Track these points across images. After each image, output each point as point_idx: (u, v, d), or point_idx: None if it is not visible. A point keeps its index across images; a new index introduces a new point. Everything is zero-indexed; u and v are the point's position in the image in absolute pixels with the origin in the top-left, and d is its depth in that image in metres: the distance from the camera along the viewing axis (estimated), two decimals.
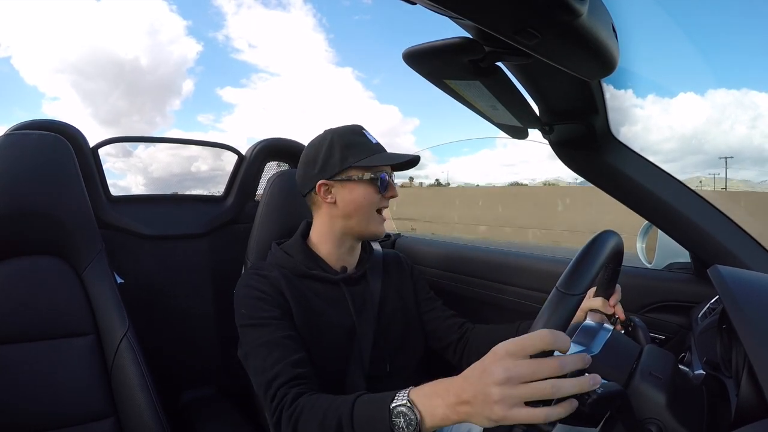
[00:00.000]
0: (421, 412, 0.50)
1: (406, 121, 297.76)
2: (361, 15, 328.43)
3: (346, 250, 0.90)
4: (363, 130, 0.88)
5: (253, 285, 0.82)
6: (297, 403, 0.65)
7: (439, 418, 0.49)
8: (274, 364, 0.71)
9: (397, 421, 0.51)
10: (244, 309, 0.80)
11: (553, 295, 0.47)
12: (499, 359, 0.44)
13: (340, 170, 0.84)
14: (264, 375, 0.71)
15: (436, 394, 0.50)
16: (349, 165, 0.83)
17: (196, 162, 3.03)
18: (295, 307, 0.80)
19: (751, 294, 0.51)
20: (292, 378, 0.70)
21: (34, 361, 0.87)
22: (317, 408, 0.62)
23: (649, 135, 6.20)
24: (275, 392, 0.69)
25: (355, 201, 0.84)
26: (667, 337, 0.91)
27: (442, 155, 29.11)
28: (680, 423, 0.47)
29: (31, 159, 0.92)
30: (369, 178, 0.84)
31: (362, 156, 0.83)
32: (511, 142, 7.33)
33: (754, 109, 26.66)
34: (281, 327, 0.77)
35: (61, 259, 0.95)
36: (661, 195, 0.76)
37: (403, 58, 0.48)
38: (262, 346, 0.74)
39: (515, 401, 0.42)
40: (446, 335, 0.96)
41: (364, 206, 0.85)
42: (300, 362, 0.73)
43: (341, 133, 0.87)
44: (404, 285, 0.99)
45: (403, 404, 0.51)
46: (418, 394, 0.52)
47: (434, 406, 0.49)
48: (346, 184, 0.84)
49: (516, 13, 0.33)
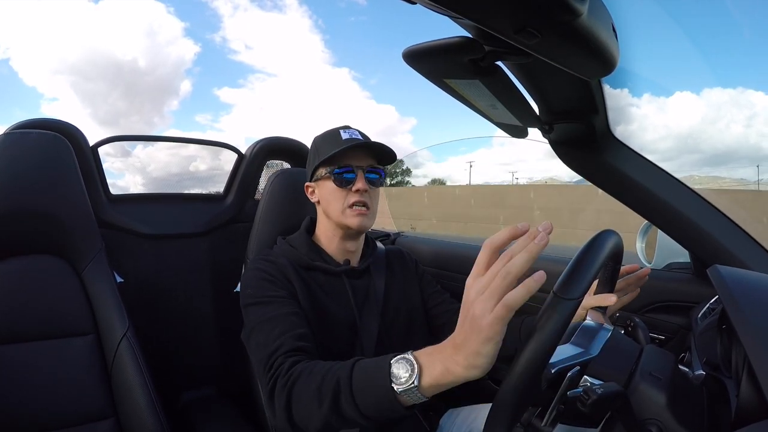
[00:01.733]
0: (422, 364, 0.51)
1: (404, 121, 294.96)
2: (356, 16, 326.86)
3: (342, 244, 0.91)
4: (341, 129, 0.89)
5: (260, 267, 0.84)
6: (293, 369, 0.64)
7: (438, 373, 0.49)
8: (277, 337, 0.70)
9: (397, 372, 0.51)
10: (250, 289, 0.81)
11: (550, 300, 0.47)
12: (471, 286, 0.47)
13: (313, 170, 0.90)
14: (266, 348, 0.70)
15: (437, 350, 0.51)
16: (315, 165, 0.88)
17: (195, 161, 3.02)
18: (301, 294, 0.81)
19: (751, 294, 0.51)
20: (293, 349, 0.68)
21: (33, 360, 0.86)
22: (315, 373, 0.60)
23: (645, 134, 6.21)
24: (273, 362, 0.67)
25: (325, 198, 0.88)
26: (667, 337, 0.91)
27: (440, 154, 29.05)
28: (680, 423, 0.47)
29: (31, 158, 0.92)
30: (327, 174, 0.87)
31: (328, 153, 0.85)
32: (509, 141, 7.42)
33: (750, 107, 26.53)
34: (287, 304, 0.77)
35: (60, 258, 0.95)
36: (660, 194, 0.76)
37: (403, 58, 0.48)
38: (266, 321, 0.74)
39: (495, 299, 0.45)
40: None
41: (332, 202, 0.87)
42: (303, 336, 0.72)
43: (320, 136, 0.91)
44: (409, 281, 0.99)
45: (404, 357, 0.52)
46: (420, 351, 0.53)
47: (433, 361, 0.50)
48: (319, 183, 0.90)
49: (516, 12, 0.33)
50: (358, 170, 0.86)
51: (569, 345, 0.58)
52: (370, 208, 0.88)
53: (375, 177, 0.88)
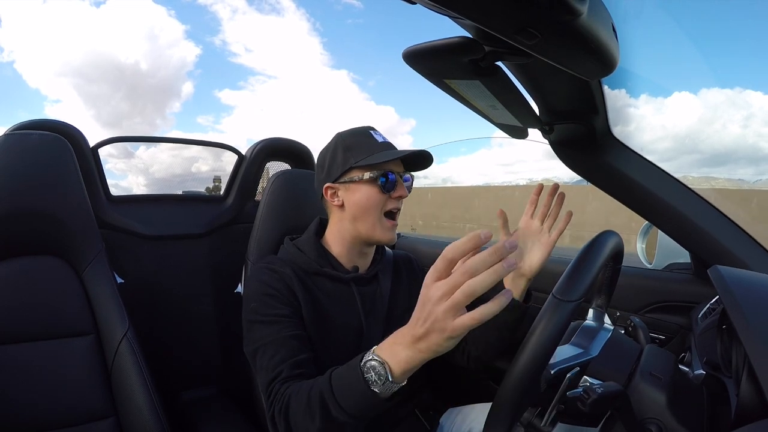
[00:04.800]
0: (387, 360, 0.53)
1: (403, 122, 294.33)
2: (353, 19, 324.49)
3: (357, 252, 0.89)
4: (370, 131, 0.86)
5: (265, 281, 0.81)
6: (285, 394, 0.66)
7: (404, 361, 0.52)
8: (278, 364, 0.71)
9: (369, 376, 0.54)
10: (254, 303, 0.80)
11: (549, 302, 0.47)
12: (430, 286, 0.48)
13: (343, 172, 0.83)
14: (267, 374, 0.72)
15: (396, 342, 0.53)
16: (350, 166, 0.82)
17: (197, 163, 3.03)
18: (305, 305, 0.80)
19: (751, 294, 0.51)
20: (290, 377, 0.70)
21: (34, 361, 0.86)
22: (301, 393, 0.63)
23: (643, 134, 6.22)
24: (271, 390, 0.70)
25: (358, 203, 0.83)
26: (667, 337, 0.91)
27: (441, 155, 29.03)
28: (680, 423, 0.47)
29: (31, 159, 0.92)
30: (369, 178, 0.82)
31: (364, 155, 0.82)
32: (507, 142, 7.42)
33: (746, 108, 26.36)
34: (290, 326, 0.77)
35: (61, 259, 0.95)
36: (661, 195, 0.76)
37: (404, 58, 0.48)
38: (270, 344, 0.74)
39: (457, 308, 0.46)
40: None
41: (368, 208, 0.82)
42: (303, 363, 0.73)
43: (346, 135, 0.86)
44: (415, 287, 0.98)
45: (370, 359, 0.55)
46: (381, 347, 0.55)
47: (396, 352, 0.53)
48: (349, 186, 0.84)
49: (516, 13, 0.33)
50: (398, 176, 0.84)
51: (569, 345, 0.58)
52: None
53: (409, 183, 0.88)
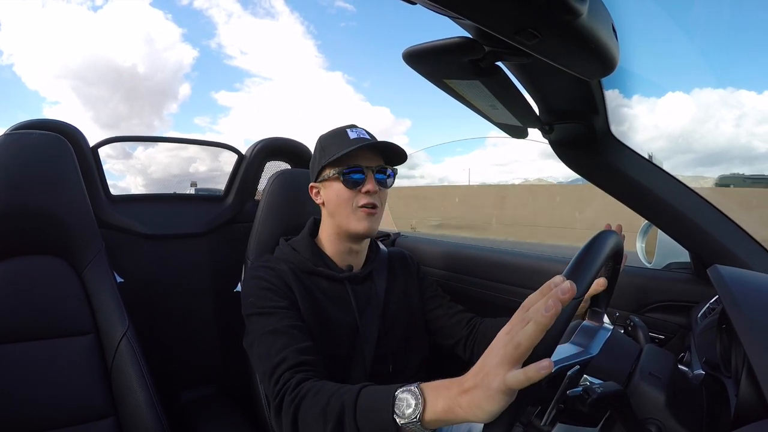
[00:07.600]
0: (426, 399, 0.50)
1: (399, 123, 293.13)
2: (346, 22, 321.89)
3: (347, 250, 0.90)
4: (347, 129, 0.87)
5: (261, 276, 0.83)
6: (301, 387, 0.64)
7: (440, 409, 0.48)
8: (280, 351, 0.71)
9: (401, 404, 0.51)
10: (252, 298, 0.80)
11: None
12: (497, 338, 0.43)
13: (319, 171, 0.87)
14: (269, 361, 0.71)
15: (444, 386, 0.49)
16: (322, 165, 0.86)
17: (195, 163, 3.03)
18: (301, 301, 0.81)
19: (751, 294, 0.51)
20: (297, 363, 0.69)
21: (34, 360, 0.86)
22: (322, 394, 0.61)
23: (638, 134, 6.24)
24: (279, 377, 0.68)
25: (331, 199, 0.86)
26: (666, 337, 0.91)
27: (437, 155, 29.03)
28: (680, 423, 0.47)
29: (31, 158, 0.92)
30: (335, 175, 0.84)
31: (335, 153, 0.83)
32: (502, 142, 7.44)
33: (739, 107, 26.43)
34: (288, 316, 0.77)
35: (61, 258, 0.95)
36: (661, 194, 0.76)
37: (404, 59, 0.48)
38: (268, 333, 0.74)
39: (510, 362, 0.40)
40: (455, 332, 0.95)
41: (338, 204, 0.85)
42: (306, 350, 0.72)
43: (326, 136, 0.89)
44: (410, 284, 0.99)
45: (409, 389, 0.51)
46: (427, 384, 0.52)
47: (438, 397, 0.49)
48: (325, 184, 0.87)
49: (516, 13, 0.33)
50: (368, 171, 0.84)
51: (569, 344, 0.58)
52: (378, 209, 0.86)
53: (384, 178, 0.87)
